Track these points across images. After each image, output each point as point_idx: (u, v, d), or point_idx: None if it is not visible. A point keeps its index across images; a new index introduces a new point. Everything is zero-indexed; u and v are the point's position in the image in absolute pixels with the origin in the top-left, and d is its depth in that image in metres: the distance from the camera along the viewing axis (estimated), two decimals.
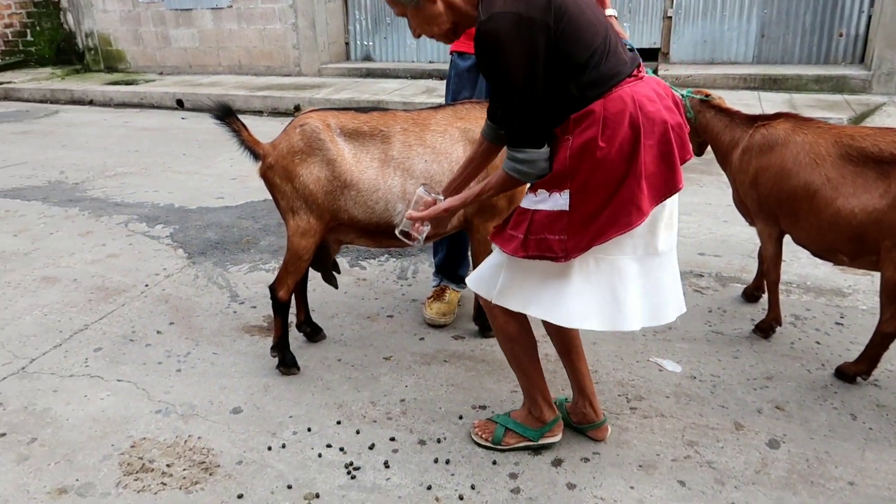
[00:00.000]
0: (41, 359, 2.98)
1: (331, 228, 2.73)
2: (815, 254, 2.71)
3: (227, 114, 2.67)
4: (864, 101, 6.93)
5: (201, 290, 3.60)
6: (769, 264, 2.89)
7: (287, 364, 2.85)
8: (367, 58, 10.57)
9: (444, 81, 3.31)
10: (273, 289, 2.78)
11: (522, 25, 1.70)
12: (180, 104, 9.24)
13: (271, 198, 2.77)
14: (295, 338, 3.06)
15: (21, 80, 10.88)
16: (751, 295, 3.28)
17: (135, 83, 10.36)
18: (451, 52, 3.04)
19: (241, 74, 10.69)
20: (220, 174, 5.67)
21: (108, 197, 5.18)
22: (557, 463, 2.28)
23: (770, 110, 5.01)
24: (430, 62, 10.12)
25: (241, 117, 2.80)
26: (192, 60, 11.03)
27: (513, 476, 2.23)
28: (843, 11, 8.05)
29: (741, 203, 2.95)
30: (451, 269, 3.32)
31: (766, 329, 2.98)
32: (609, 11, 2.50)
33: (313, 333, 3.08)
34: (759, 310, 3.21)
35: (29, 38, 12.07)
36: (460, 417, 2.52)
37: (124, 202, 5.04)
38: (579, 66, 1.77)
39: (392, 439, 2.41)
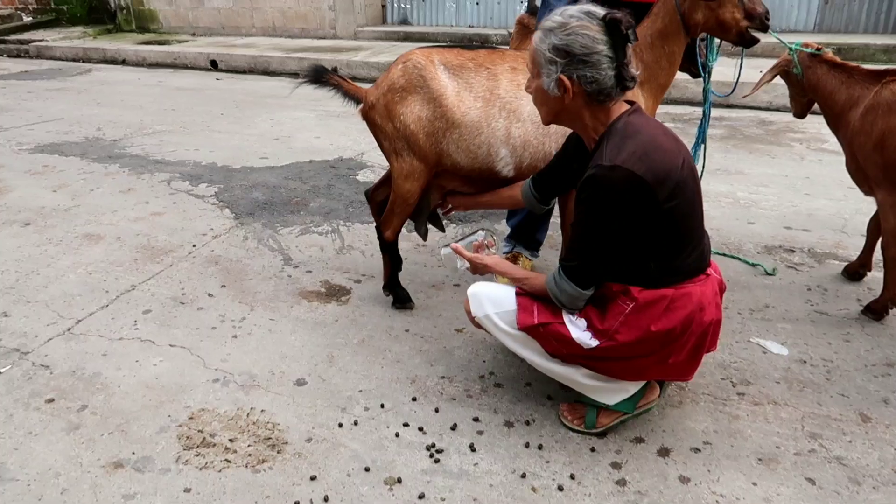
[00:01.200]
0: (88, 320, 2.78)
1: (435, 174, 2.53)
2: None
3: (321, 74, 2.53)
4: None
5: (252, 252, 3.38)
6: (889, 238, 2.58)
7: (402, 299, 2.80)
8: (404, 21, 10.22)
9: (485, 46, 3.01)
10: (379, 229, 2.68)
11: (633, 185, 1.71)
12: (214, 65, 8.99)
13: (375, 140, 2.58)
14: (347, 307, 2.84)
15: (53, 38, 10.69)
16: (855, 272, 2.98)
17: (167, 43, 10.12)
18: None
19: (274, 36, 10.41)
20: (261, 134, 5.43)
21: (148, 154, 4.97)
22: (664, 453, 2.03)
23: None
24: (470, 26, 9.76)
25: (276, 79, 2.61)
26: (225, 21, 10.75)
27: (616, 466, 1.99)
28: None
29: (858, 170, 2.64)
30: (528, 233, 3.05)
31: (879, 310, 2.68)
32: None
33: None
34: (864, 289, 2.92)
35: None
36: (549, 398, 2.28)
37: (165, 160, 4.83)
38: (670, 250, 1.82)
39: (475, 419, 2.18)
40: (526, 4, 4.06)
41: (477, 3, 9.62)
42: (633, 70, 1.80)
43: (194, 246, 3.45)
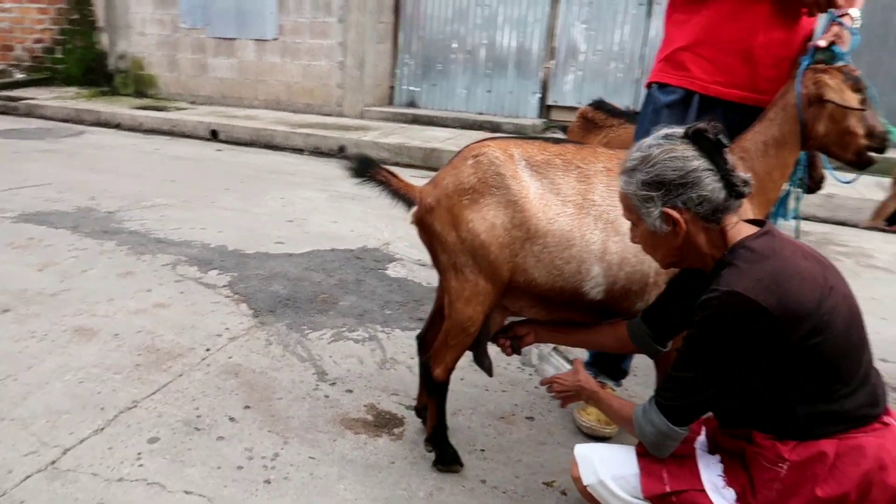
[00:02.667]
0: (78, 449, 2.21)
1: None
2: None
3: (367, 166, 2.05)
4: None
5: (278, 361, 2.85)
6: None
7: (448, 461, 2.20)
8: (412, 104, 10.04)
9: (496, 135, 2.65)
10: (427, 366, 2.13)
11: (756, 318, 1.45)
12: (214, 135, 8.62)
13: (428, 251, 2.08)
14: (403, 443, 2.31)
15: (45, 97, 10.28)
16: None
17: (165, 109, 9.77)
18: (650, 84, 2.39)
19: (278, 110, 10.13)
20: (273, 214, 4.97)
21: (149, 231, 4.46)
22: None
23: None
24: (480, 113, 9.60)
25: (280, 154, 2.17)
26: (228, 91, 10.48)
27: None
28: (886, 90, 7.56)
29: None
30: (612, 359, 2.59)
31: None
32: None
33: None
34: None
35: (58, 55, 11.53)
36: None
37: (168, 239, 4.32)
38: (818, 394, 1.51)
39: None
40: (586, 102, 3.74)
41: (488, 91, 9.50)
42: (741, 174, 1.56)
43: (208, 350, 2.90)
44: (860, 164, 2.11)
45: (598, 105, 3.61)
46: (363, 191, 2.15)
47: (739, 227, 1.61)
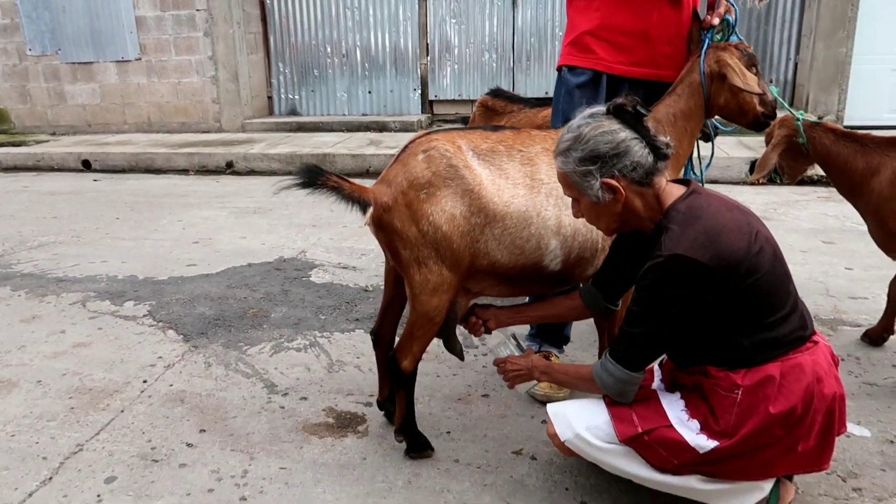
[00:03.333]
0: (28, 503, 2.07)
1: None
2: None
3: (316, 175, 2.04)
4: None
5: (222, 381, 2.78)
6: None
7: (420, 447, 2.25)
8: (293, 112, 9.89)
9: (384, 134, 2.80)
10: (395, 359, 2.16)
11: (699, 275, 1.63)
12: (87, 165, 8.09)
13: (386, 250, 2.11)
14: (370, 439, 2.35)
15: None
16: (878, 337, 2.93)
17: (24, 144, 9.05)
18: (560, 67, 2.55)
19: (150, 132, 9.66)
20: (176, 238, 4.78)
21: (45, 271, 4.16)
22: None
23: None
24: (364, 114, 9.61)
25: (165, 176, 2.17)
26: (92, 118, 9.86)
27: None
28: (771, 59, 8.39)
29: (887, 235, 2.61)
30: (554, 329, 2.73)
31: (875, 337, 2.73)
32: None
33: (393, 413, 2.40)
34: (891, 353, 2.87)
35: None
36: None
37: (69, 276, 4.05)
38: (758, 325, 1.70)
39: None
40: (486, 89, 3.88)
41: (369, 92, 9.53)
42: (663, 138, 1.75)
43: (145, 382, 2.79)
44: (756, 128, 2.41)
45: (496, 93, 3.76)
46: (263, 204, 2.16)
47: (669, 189, 1.79)
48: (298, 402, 2.62)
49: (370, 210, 2.04)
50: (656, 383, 2.06)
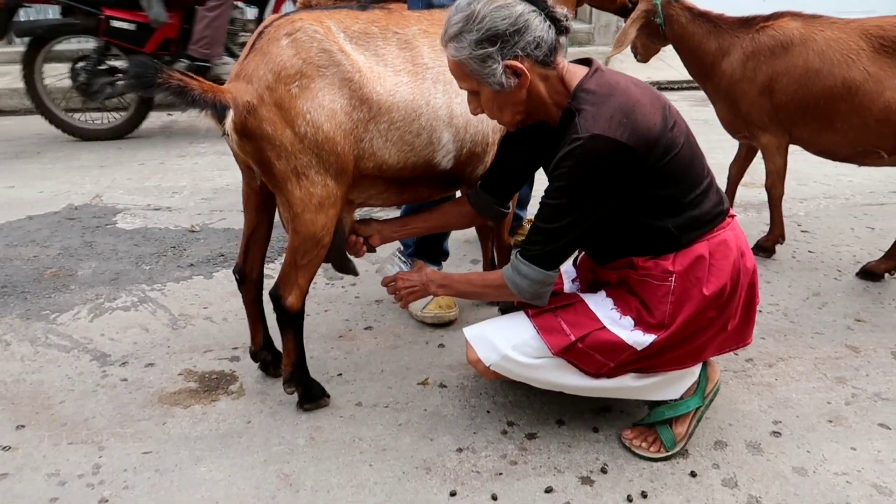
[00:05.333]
0: None
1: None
2: (843, 158, 2.58)
3: (150, 71, 1.52)
4: (591, 51, 7.48)
5: (31, 361, 2.18)
6: (775, 179, 2.70)
7: (315, 396, 1.94)
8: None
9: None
10: (277, 295, 1.80)
11: (620, 154, 1.49)
12: None
13: (255, 164, 1.70)
14: (249, 398, 2.00)
15: None
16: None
17: None
18: None
19: None
20: None
21: None
22: (755, 448, 1.78)
23: None
24: None
25: None
26: None
27: (728, 483, 1.66)
28: None
29: (736, 117, 2.69)
30: (432, 242, 2.49)
31: (769, 247, 2.82)
32: None
33: (275, 363, 2.05)
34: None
35: None
36: (595, 430, 1.84)
37: None
38: (680, 204, 1.60)
39: (548, 490, 1.64)
40: None
41: None
42: (560, 9, 1.56)
43: None
44: (625, 13, 2.64)
45: None
46: (27, 147, 1.63)
47: (572, 70, 1.60)
48: (144, 370, 2.13)
49: (229, 115, 1.61)
50: (568, 285, 1.94)
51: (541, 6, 1.52)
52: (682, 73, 3.72)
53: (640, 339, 1.63)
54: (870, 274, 2.63)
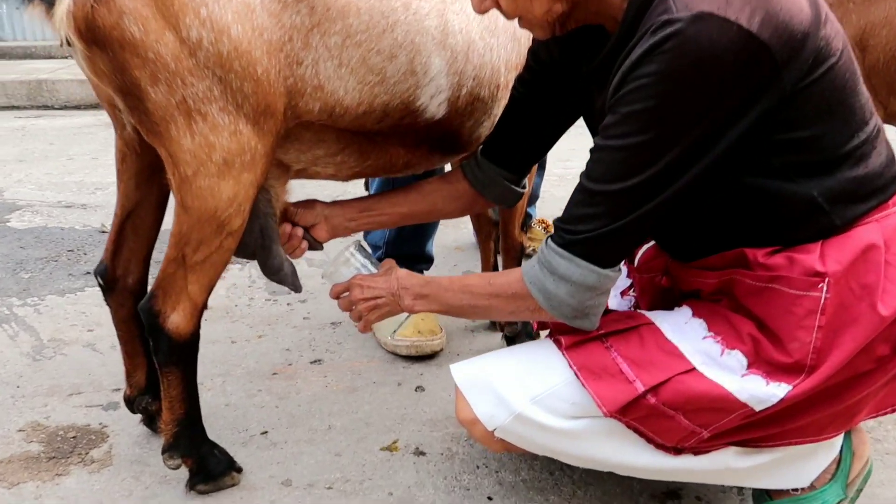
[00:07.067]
0: None
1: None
2: None
3: None
4: None
5: None
6: None
7: (214, 471, 1.21)
8: None
9: None
10: (153, 310, 1.11)
11: (747, 53, 0.83)
12: None
13: (115, 91, 1.04)
14: (124, 465, 1.28)
15: None
16: None
17: None
18: None
19: None
20: None
21: None
22: None
23: None
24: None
25: None
26: None
27: None
28: None
29: None
30: (411, 244, 1.81)
31: None
32: None
33: (159, 413, 1.32)
34: None
35: None
36: None
37: None
38: (835, 156, 0.93)
39: None
40: None
41: None
42: None
43: None
44: None
45: None
46: None
47: None
48: None
49: (65, 1, 0.95)
50: (615, 302, 1.26)
51: None
52: None
53: (760, 390, 0.94)
54: None
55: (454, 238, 2.38)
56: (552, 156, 2.23)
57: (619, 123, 0.88)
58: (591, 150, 0.94)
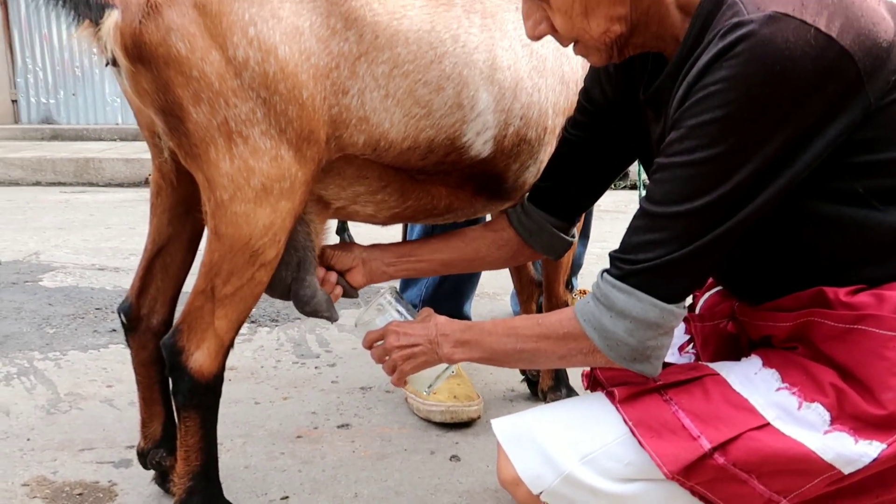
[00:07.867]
0: None
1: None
2: None
3: None
4: None
5: None
6: None
7: None
8: (48, 119, 8.02)
9: None
10: (176, 347, 1.03)
11: (827, 60, 0.76)
12: None
13: (156, 112, 1.02)
14: None
15: None
16: None
17: None
18: None
19: None
20: None
21: None
22: None
23: None
24: None
25: None
26: None
27: None
28: None
29: None
30: (447, 301, 1.72)
31: None
32: None
33: (172, 469, 1.19)
34: None
35: None
36: None
37: None
38: None
39: None
40: None
41: None
42: None
43: None
44: None
45: None
46: None
47: None
48: None
49: (111, 16, 0.93)
50: (673, 357, 1.14)
51: None
52: None
53: (847, 449, 0.81)
54: None
55: (490, 308, 2.28)
56: (592, 237, 2.18)
57: (684, 138, 0.81)
58: (652, 172, 0.87)
